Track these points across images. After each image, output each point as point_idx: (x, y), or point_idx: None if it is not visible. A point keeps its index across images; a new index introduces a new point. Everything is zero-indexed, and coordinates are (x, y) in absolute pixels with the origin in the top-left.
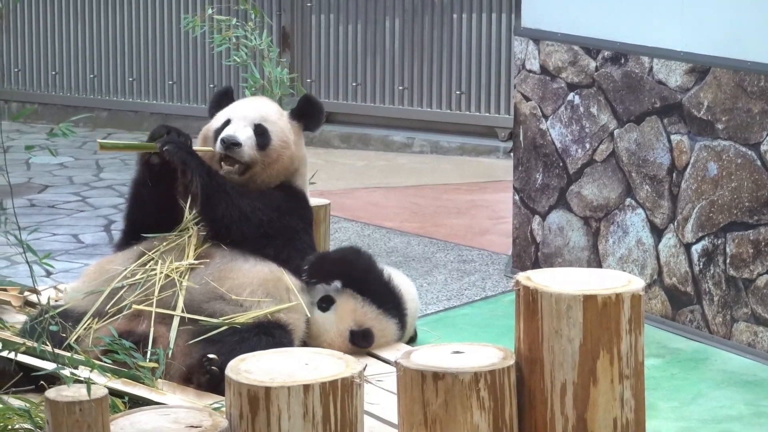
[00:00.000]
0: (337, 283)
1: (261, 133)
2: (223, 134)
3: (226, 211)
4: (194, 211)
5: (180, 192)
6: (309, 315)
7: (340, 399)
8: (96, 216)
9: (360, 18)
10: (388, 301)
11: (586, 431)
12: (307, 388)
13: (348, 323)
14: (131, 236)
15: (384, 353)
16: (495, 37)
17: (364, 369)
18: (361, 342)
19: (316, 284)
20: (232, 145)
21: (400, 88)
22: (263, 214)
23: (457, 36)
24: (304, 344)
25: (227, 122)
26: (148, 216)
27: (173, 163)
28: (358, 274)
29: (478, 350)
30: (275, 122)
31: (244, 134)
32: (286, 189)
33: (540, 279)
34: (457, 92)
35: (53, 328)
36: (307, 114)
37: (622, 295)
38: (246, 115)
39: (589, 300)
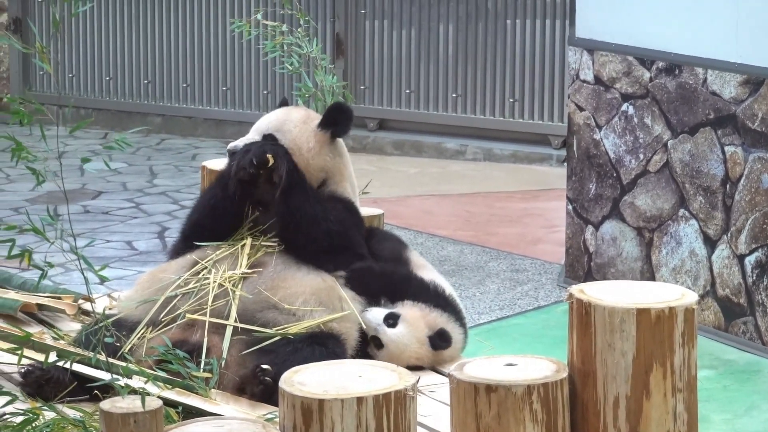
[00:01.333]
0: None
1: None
2: (229, 145)
3: (302, 206)
4: (248, 221)
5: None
6: (363, 325)
7: (393, 411)
8: (150, 223)
9: (414, 24)
10: (446, 303)
11: None
12: (360, 400)
13: (423, 330)
14: (186, 246)
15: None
16: (549, 44)
17: (418, 381)
18: (441, 344)
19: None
20: (232, 155)
21: (454, 95)
22: (333, 226)
23: (511, 43)
24: (359, 354)
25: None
26: (219, 229)
27: (264, 156)
28: (401, 283)
29: (531, 363)
30: (289, 131)
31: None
32: (342, 201)
33: (593, 292)
34: (511, 99)
35: (108, 339)
36: (334, 121)
37: (676, 309)
38: (258, 127)
39: (642, 313)
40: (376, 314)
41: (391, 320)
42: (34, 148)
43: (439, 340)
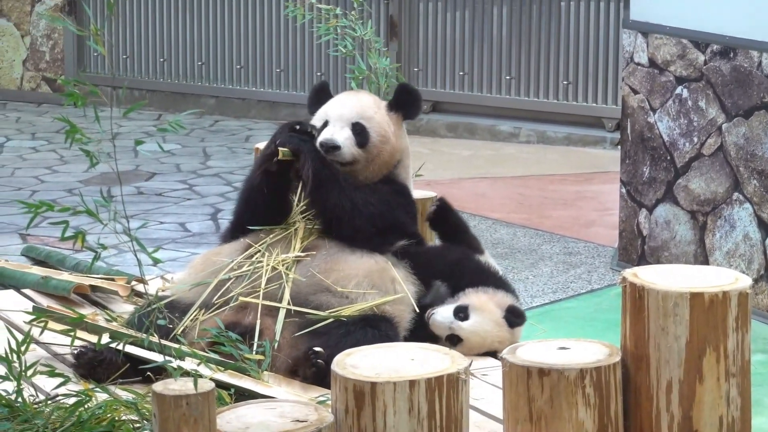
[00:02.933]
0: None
1: (359, 131)
2: (321, 138)
3: (338, 201)
4: (302, 204)
5: (294, 184)
6: (432, 326)
7: (445, 395)
8: (203, 204)
9: (468, 6)
10: (505, 285)
11: (692, 429)
12: (412, 383)
13: (496, 312)
14: (238, 229)
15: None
16: (603, 26)
17: (470, 364)
18: (515, 320)
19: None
20: (331, 149)
21: (507, 77)
22: (375, 209)
23: (565, 25)
24: (409, 337)
25: (326, 123)
26: (259, 218)
27: (289, 149)
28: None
29: (584, 346)
30: (372, 117)
31: (342, 136)
32: (392, 183)
33: (646, 276)
34: (565, 82)
35: (161, 321)
36: (405, 103)
37: (729, 293)
38: (342, 115)
39: (696, 298)
40: (445, 313)
41: (462, 313)
42: (87, 129)
43: (513, 316)
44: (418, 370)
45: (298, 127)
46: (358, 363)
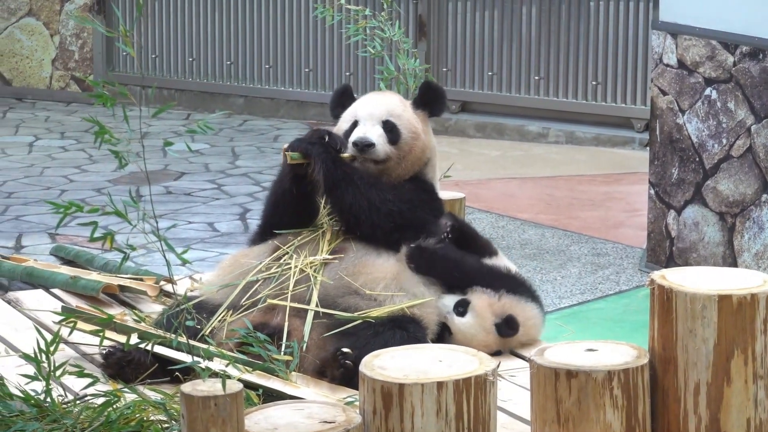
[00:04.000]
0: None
1: (390, 129)
2: (354, 137)
3: (354, 200)
4: (328, 207)
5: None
6: (440, 311)
7: (473, 396)
8: (231, 204)
9: (497, 6)
10: (517, 284)
11: (720, 431)
12: (440, 385)
13: (490, 319)
14: (266, 231)
15: (517, 348)
16: (632, 27)
17: (498, 366)
18: (507, 331)
19: (417, 272)
20: (365, 147)
21: (536, 77)
22: (394, 206)
23: (594, 25)
24: (438, 339)
25: (355, 123)
26: (287, 220)
27: (299, 153)
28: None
29: (612, 348)
30: (401, 115)
31: (374, 133)
32: (416, 181)
33: (675, 278)
34: (594, 82)
35: (189, 322)
36: (430, 100)
37: (758, 296)
38: (372, 113)
39: (724, 300)
40: (447, 302)
41: (461, 308)
42: (116, 129)
43: (507, 327)
44: (445, 372)
45: (327, 138)
46: (386, 364)
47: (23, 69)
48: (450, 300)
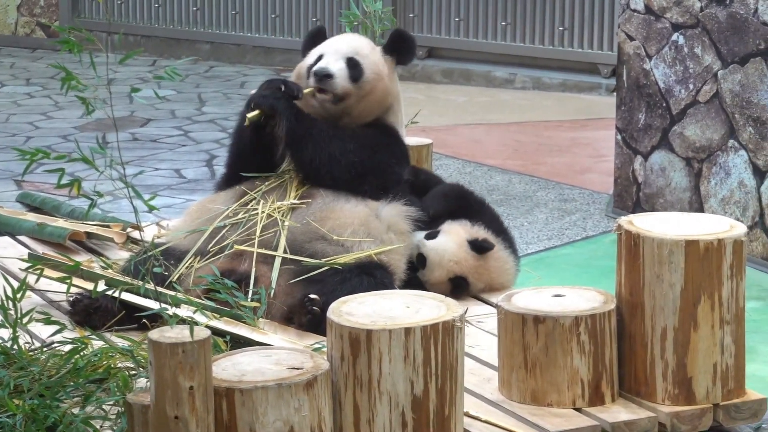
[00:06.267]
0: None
1: (354, 65)
2: (315, 68)
3: (314, 154)
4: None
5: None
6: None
7: (441, 342)
8: (198, 151)
9: None
10: (501, 231)
11: (686, 376)
12: (408, 331)
13: (462, 236)
14: (233, 177)
15: (485, 294)
16: None
17: (465, 312)
18: (482, 246)
19: (437, 215)
20: (324, 77)
21: (503, 23)
22: (355, 156)
23: None
24: (407, 285)
25: (320, 57)
26: (251, 167)
27: (262, 110)
28: (474, 205)
29: (579, 294)
30: (367, 55)
31: (336, 66)
32: (379, 126)
33: (642, 223)
34: (560, 28)
35: (156, 269)
36: (400, 48)
37: (724, 241)
38: (338, 49)
39: (691, 245)
40: (418, 235)
41: (432, 236)
42: (83, 75)
43: (480, 244)
44: (413, 318)
45: (283, 87)
46: (353, 310)
47: None
48: (420, 234)
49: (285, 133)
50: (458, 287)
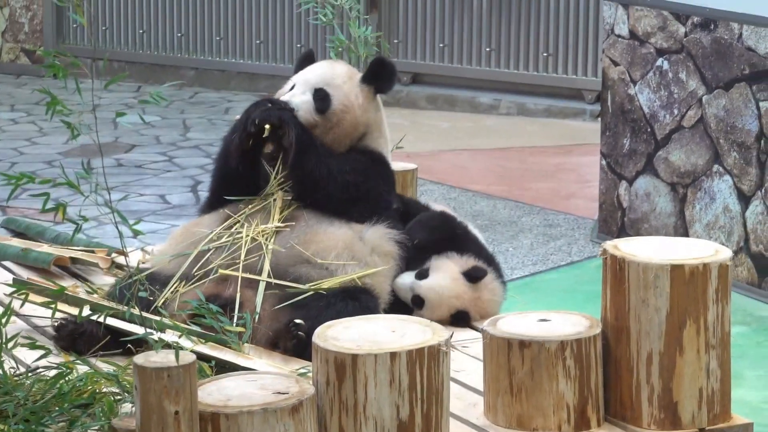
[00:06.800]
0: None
1: (321, 97)
2: (281, 99)
3: (316, 166)
4: (279, 176)
5: (266, 156)
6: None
7: (426, 366)
8: (183, 176)
9: None
10: (490, 259)
11: (672, 401)
12: (393, 355)
13: (455, 269)
14: (217, 201)
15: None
16: None
17: (451, 336)
18: (476, 275)
19: (421, 246)
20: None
21: (487, 49)
22: (349, 177)
23: None
24: (392, 309)
25: (292, 87)
26: (236, 191)
27: (271, 123)
28: (460, 235)
29: (564, 318)
30: (339, 86)
31: (300, 99)
32: (367, 152)
33: (627, 248)
34: (545, 54)
35: (142, 294)
36: (379, 76)
37: (710, 265)
38: (308, 80)
39: (676, 270)
40: (407, 277)
41: (423, 275)
42: (68, 101)
43: (474, 273)
44: (398, 342)
45: (269, 105)
46: (338, 335)
47: None
48: (409, 275)
49: (294, 141)
50: (460, 320)
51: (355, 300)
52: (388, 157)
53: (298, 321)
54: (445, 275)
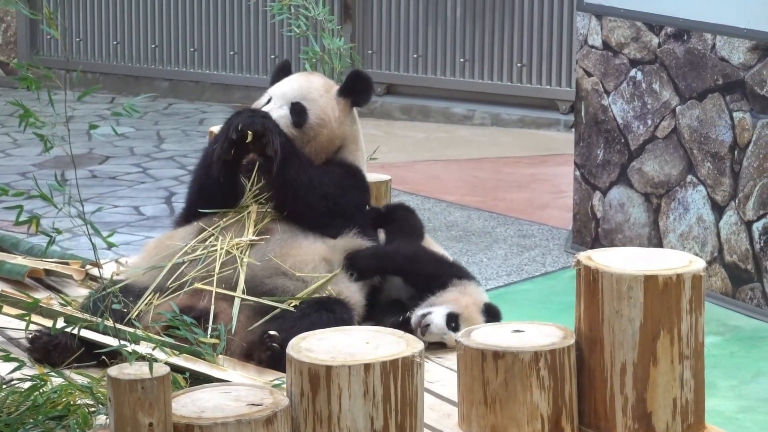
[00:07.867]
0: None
1: (298, 111)
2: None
3: (298, 175)
4: (255, 188)
5: (243, 168)
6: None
7: (400, 378)
8: (157, 188)
9: None
10: (462, 272)
11: (646, 411)
12: (367, 367)
13: (479, 318)
14: (191, 213)
15: None
16: (557, 9)
17: (425, 347)
18: (495, 319)
19: (359, 280)
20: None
21: (461, 60)
22: (328, 189)
23: (519, 7)
24: (365, 320)
25: (269, 101)
26: (213, 202)
27: (254, 131)
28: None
29: (538, 329)
30: (316, 99)
31: (277, 113)
32: (344, 165)
33: (601, 258)
34: (519, 64)
35: (115, 306)
36: (355, 89)
37: (683, 276)
38: (285, 93)
39: (650, 280)
40: (439, 322)
41: (453, 323)
42: (41, 112)
43: (491, 317)
44: (373, 354)
45: (251, 113)
46: (313, 346)
47: None
48: (439, 318)
49: (280, 147)
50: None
51: (329, 311)
52: (364, 170)
53: (272, 332)
54: (465, 314)
